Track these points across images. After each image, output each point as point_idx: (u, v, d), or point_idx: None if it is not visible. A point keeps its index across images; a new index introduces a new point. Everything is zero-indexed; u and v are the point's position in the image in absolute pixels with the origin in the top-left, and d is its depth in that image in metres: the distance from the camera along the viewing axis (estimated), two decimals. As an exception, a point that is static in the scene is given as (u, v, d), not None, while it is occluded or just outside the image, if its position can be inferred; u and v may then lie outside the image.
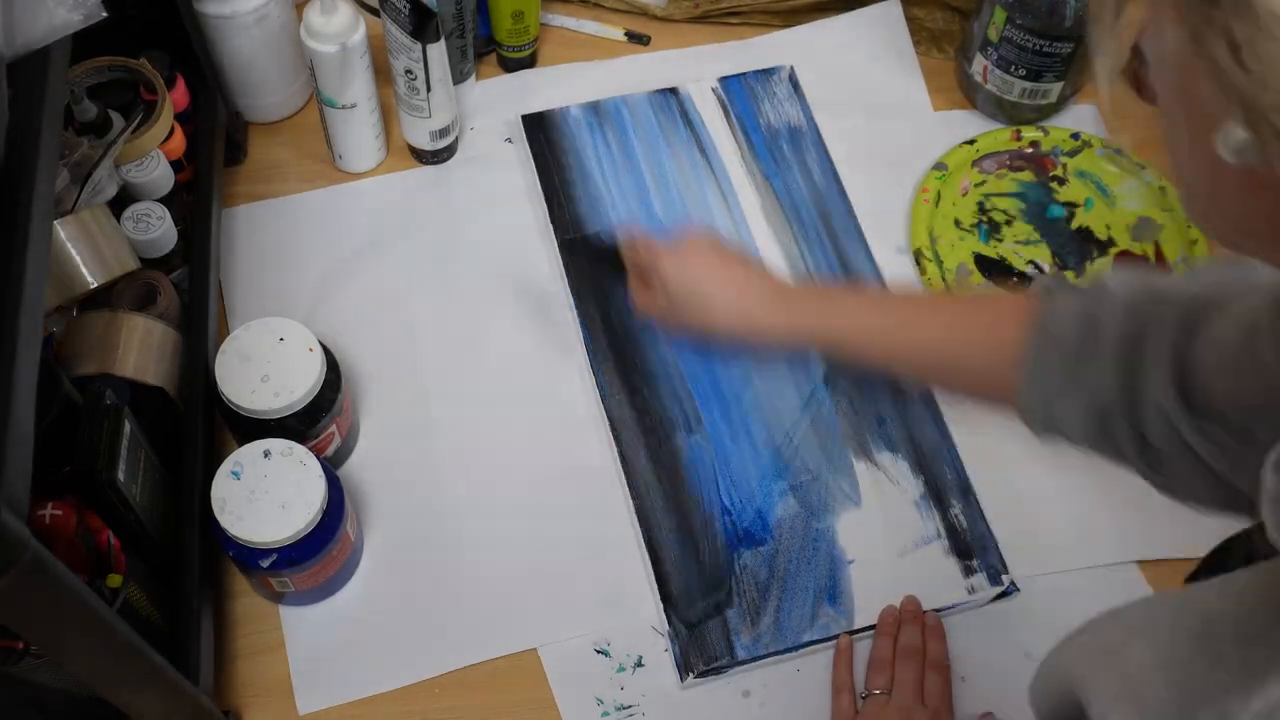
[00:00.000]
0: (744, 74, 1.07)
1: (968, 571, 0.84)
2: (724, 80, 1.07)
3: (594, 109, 1.04)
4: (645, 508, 0.85)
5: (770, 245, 0.98)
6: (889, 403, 0.90)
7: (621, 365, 0.91)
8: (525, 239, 0.98)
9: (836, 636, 0.81)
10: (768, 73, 1.07)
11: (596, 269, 0.93)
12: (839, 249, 0.98)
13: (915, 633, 0.80)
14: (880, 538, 0.85)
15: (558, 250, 0.96)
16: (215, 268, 0.90)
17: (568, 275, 0.95)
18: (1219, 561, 0.63)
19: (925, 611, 0.82)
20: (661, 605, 0.81)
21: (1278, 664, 0.39)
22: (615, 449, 0.87)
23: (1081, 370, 0.64)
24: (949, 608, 0.83)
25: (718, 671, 0.80)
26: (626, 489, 0.86)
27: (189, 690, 0.68)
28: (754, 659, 0.80)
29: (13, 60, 0.58)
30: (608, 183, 1.00)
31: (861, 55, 1.10)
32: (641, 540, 0.84)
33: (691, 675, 0.79)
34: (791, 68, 1.08)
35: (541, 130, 1.02)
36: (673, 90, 1.06)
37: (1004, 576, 0.84)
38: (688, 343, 0.88)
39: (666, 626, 0.81)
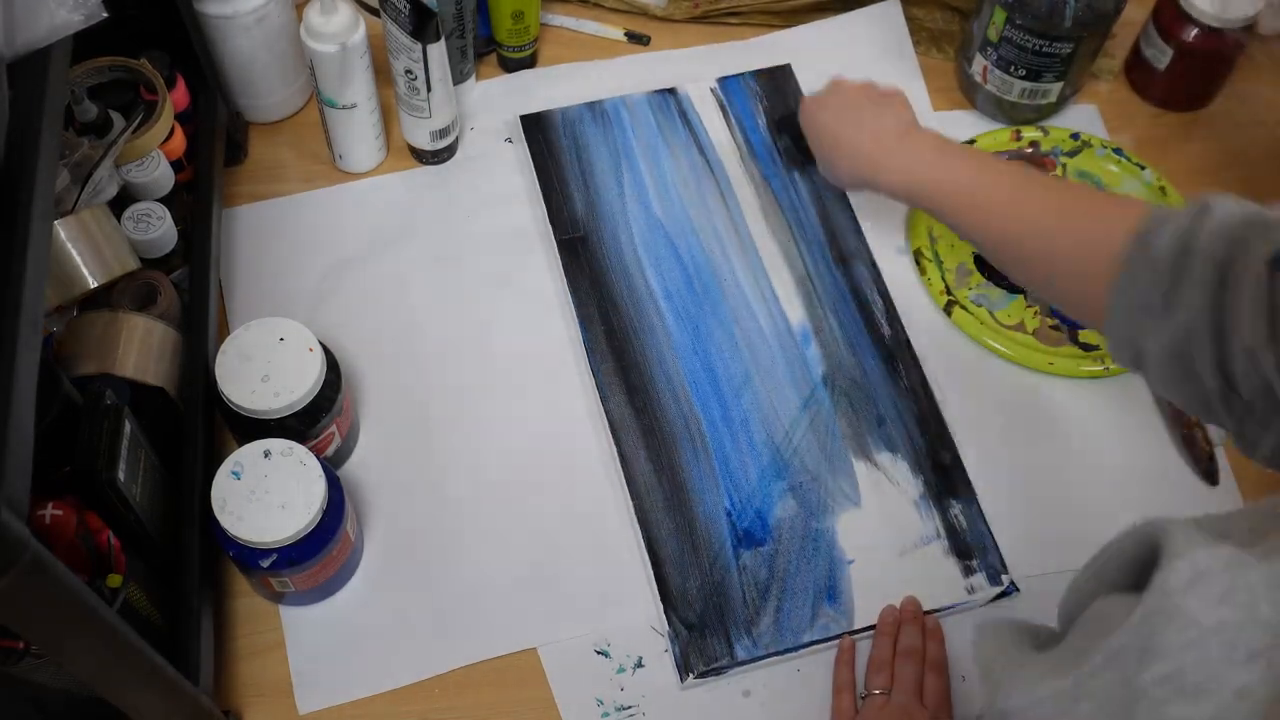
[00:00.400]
0: (742, 74, 1.07)
1: (968, 571, 0.84)
2: (722, 80, 1.07)
3: (592, 109, 1.04)
4: (645, 508, 0.85)
5: (769, 245, 0.98)
6: (889, 404, 0.90)
7: (621, 365, 0.91)
8: (525, 239, 0.98)
9: (836, 637, 0.81)
10: (766, 73, 1.07)
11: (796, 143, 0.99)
12: (838, 249, 0.98)
13: (915, 633, 0.80)
14: (880, 538, 0.85)
15: (557, 250, 0.96)
16: (215, 268, 0.90)
17: (567, 275, 0.95)
18: None
19: (925, 614, 0.82)
20: (661, 605, 0.81)
21: None
22: (615, 449, 0.87)
23: (1172, 296, 0.59)
24: (949, 608, 0.83)
25: (718, 672, 0.80)
26: (626, 489, 0.86)
27: (189, 690, 0.68)
28: (754, 659, 0.80)
29: (13, 60, 0.58)
30: (606, 183, 1.00)
31: (861, 55, 1.10)
32: (641, 540, 0.84)
33: (691, 676, 0.79)
34: (789, 67, 1.08)
35: (540, 130, 1.02)
36: (671, 90, 1.06)
37: (1004, 576, 0.84)
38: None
39: (666, 627, 0.81)
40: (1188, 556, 0.36)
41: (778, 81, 1.07)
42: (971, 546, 0.85)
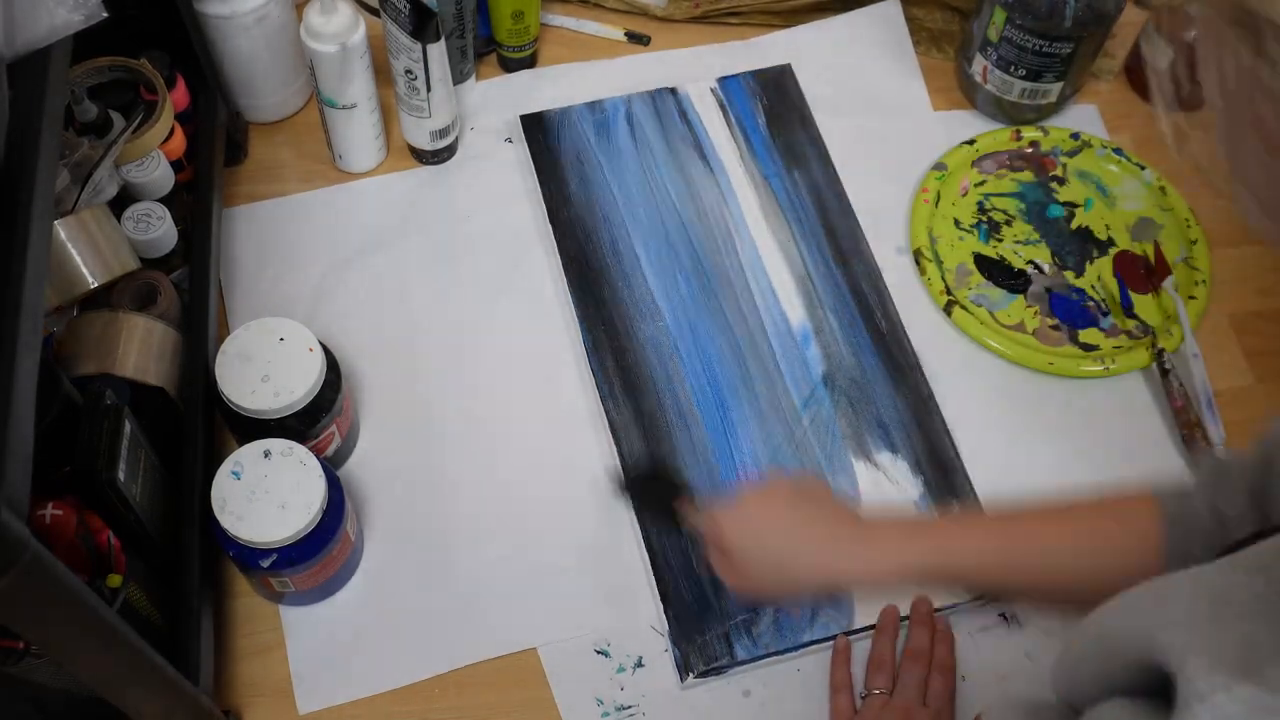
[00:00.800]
0: (743, 74, 1.07)
1: None
2: (723, 80, 1.06)
3: (593, 109, 1.04)
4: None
5: (769, 245, 0.98)
6: (889, 404, 0.90)
7: (620, 366, 0.91)
8: (525, 239, 0.98)
9: (836, 636, 0.81)
10: (766, 73, 1.07)
11: (656, 503, 0.83)
12: (838, 249, 0.98)
13: (925, 635, 0.80)
14: (880, 538, 0.85)
15: (557, 250, 0.96)
16: (215, 268, 0.90)
17: (567, 275, 0.95)
18: None
19: (937, 614, 0.82)
20: (661, 605, 0.81)
21: None
22: (614, 449, 0.87)
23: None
24: (949, 608, 0.83)
25: (718, 671, 0.80)
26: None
27: (189, 690, 0.68)
28: (754, 659, 0.80)
29: (13, 60, 0.58)
30: (607, 183, 1.00)
31: (861, 55, 1.10)
32: (641, 540, 0.84)
33: (691, 675, 0.79)
34: (790, 67, 1.08)
35: (541, 130, 1.02)
36: (672, 90, 1.06)
37: None
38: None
39: (666, 627, 0.81)
40: (1209, 702, 0.36)
41: (778, 81, 1.07)
42: None
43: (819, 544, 0.72)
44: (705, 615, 0.81)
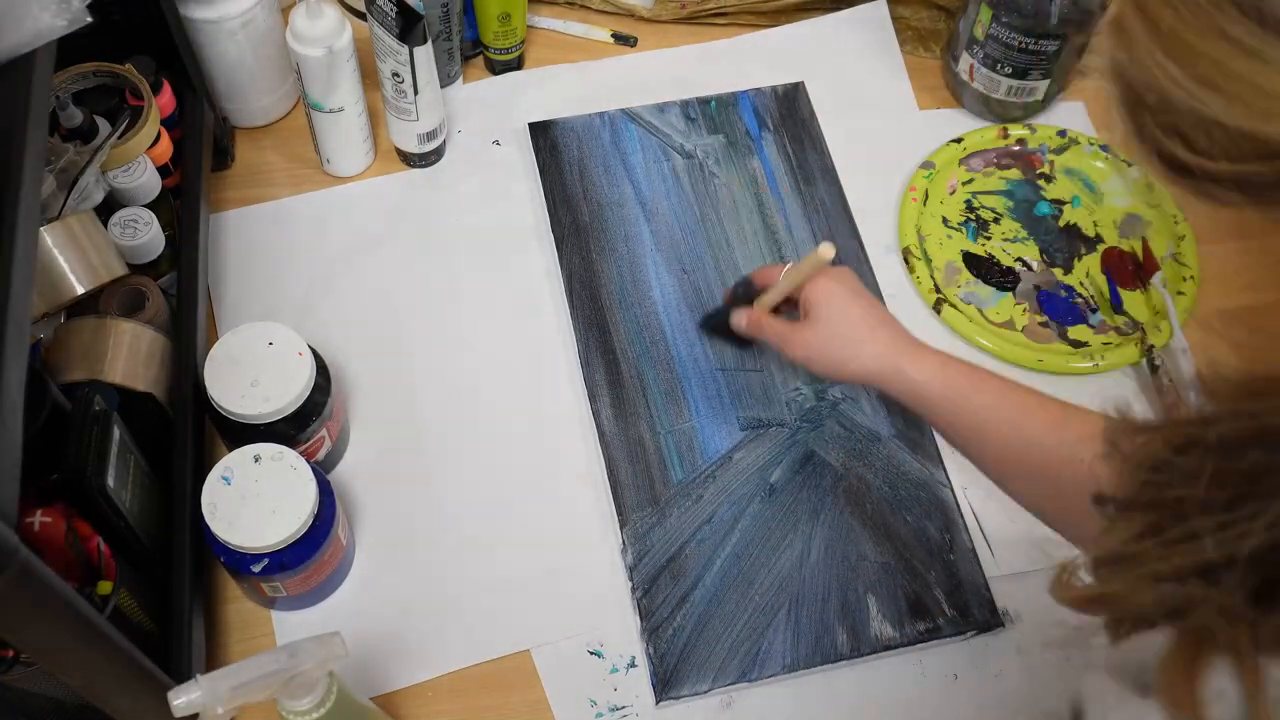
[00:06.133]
0: (755, 89, 1.06)
1: (954, 605, 0.84)
2: (733, 94, 1.06)
3: (601, 119, 1.03)
4: (632, 532, 0.84)
5: (771, 257, 0.97)
6: (881, 413, 0.90)
7: (613, 376, 0.90)
8: (515, 241, 0.98)
9: (820, 663, 0.80)
10: (779, 89, 1.06)
11: (721, 323, 0.88)
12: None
13: None
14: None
15: (557, 259, 0.95)
16: (204, 273, 0.89)
17: (565, 283, 0.94)
18: None
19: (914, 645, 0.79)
20: (640, 625, 0.81)
21: None
22: (602, 455, 0.87)
23: None
24: (937, 640, 0.82)
25: (694, 695, 0.79)
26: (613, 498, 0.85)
27: (181, 697, 0.68)
28: (729, 685, 0.79)
29: (-3, 66, 0.58)
30: (610, 192, 0.99)
31: (848, 55, 1.10)
32: (627, 567, 0.83)
33: (668, 698, 0.78)
34: (803, 84, 1.07)
35: (547, 138, 1.02)
36: (681, 103, 1.05)
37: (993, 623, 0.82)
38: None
39: (645, 647, 0.80)
40: None
41: (790, 98, 1.06)
42: (963, 580, 0.84)
43: (888, 337, 0.77)
44: (684, 639, 0.80)
